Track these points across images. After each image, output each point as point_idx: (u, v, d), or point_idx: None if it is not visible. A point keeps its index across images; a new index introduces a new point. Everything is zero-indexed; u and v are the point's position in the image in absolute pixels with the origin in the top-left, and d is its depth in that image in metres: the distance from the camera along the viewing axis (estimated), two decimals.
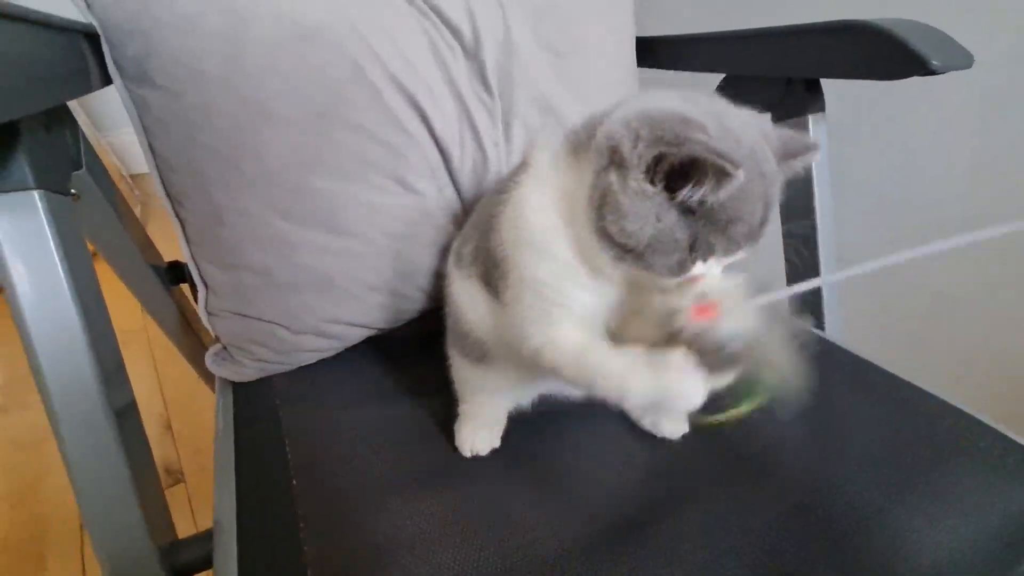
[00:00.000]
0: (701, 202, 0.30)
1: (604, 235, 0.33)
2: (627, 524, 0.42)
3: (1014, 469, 0.47)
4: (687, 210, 0.31)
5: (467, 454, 0.48)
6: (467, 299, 0.44)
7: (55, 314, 0.37)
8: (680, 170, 0.29)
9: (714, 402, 0.34)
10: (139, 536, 0.36)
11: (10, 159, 0.34)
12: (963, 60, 0.51)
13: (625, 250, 0.32)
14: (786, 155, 0.34)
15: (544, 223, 0.36)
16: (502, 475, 0.47)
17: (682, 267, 0.33)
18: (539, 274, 0.37)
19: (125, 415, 0.41)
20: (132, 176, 2.28)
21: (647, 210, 0.31)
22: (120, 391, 0.41)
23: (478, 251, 0.42)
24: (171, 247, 0.57)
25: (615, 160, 0.32)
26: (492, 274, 0.40)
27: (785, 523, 0.43)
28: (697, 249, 0.32)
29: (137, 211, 2.00)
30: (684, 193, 0.30)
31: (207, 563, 0.37)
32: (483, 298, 0.42)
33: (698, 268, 0.33)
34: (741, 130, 0.32)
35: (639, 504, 0.45)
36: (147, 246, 0.59)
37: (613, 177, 0.32)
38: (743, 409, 0.34)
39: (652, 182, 0.30)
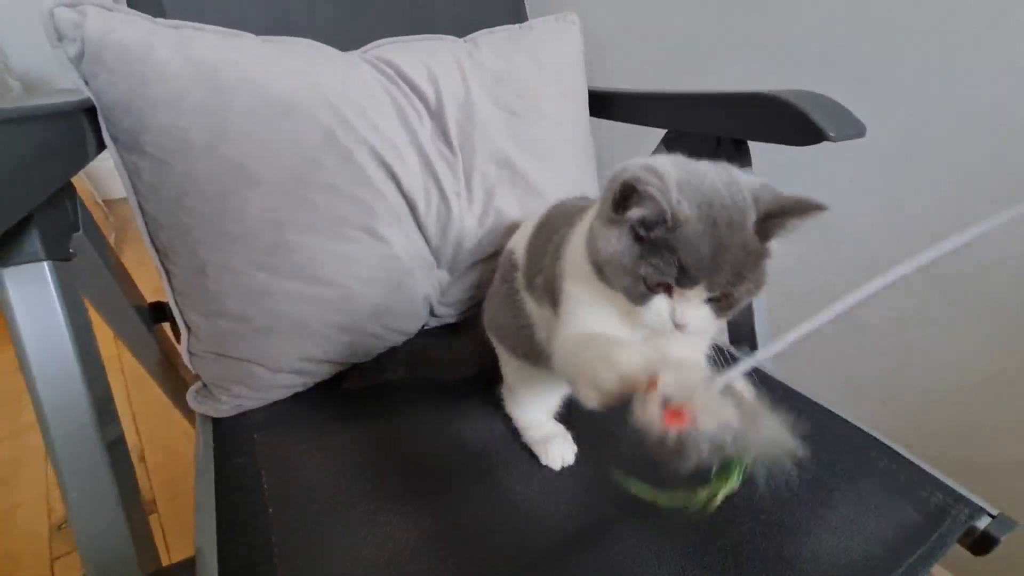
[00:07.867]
0: (648, 231, 0.37)
1: (587, 251, 0.42)
2: (581, 541, 0.48)
3: (904, 485, 0.55)
4: (638, 238, 0.37)
5: (557, 467, 0.56)
6: (542, 323, 0.52)
7: (58, 364, 0.42)
8: (622, 196, 0.37)
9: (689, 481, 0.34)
10: (129, 563, 0.40)
11: (23, 236, 0.39)
12: (856, 130, 0.59)
13: (595, 265, 0.40)
14: (782, 213, 0.37)
15: (578, 251, 0.44)
16: (473, 499, 0.52)
17: (636, 290, 0.38)
18: (574, 289, 0.44)
19: (115, 447, 0.46)
20: (106, 202, 2.26)
21: (609, 233, 0.39)
22: (111, 426, 0.46)
23: (547, 282, 0.49)
24: (147, 271, 0.60)
25: (603, 197, 0.40)
26: (554, 296, 0.47)
27: (721, 540, 0.49)
28: (645, 274, 0.37)
29: (111, 238, 2.00)
30: (628, 215, 0.37)
31: None
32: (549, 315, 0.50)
33: (658, 304, 0.38)
34: (705, 186, 0.37)
35: (587, 524, 0.50)
36: (131, 289, 0.63)
37: (600, 208, 0.40)
38: (718, 491, 0.34)
39: (615, 211, 0.38)
